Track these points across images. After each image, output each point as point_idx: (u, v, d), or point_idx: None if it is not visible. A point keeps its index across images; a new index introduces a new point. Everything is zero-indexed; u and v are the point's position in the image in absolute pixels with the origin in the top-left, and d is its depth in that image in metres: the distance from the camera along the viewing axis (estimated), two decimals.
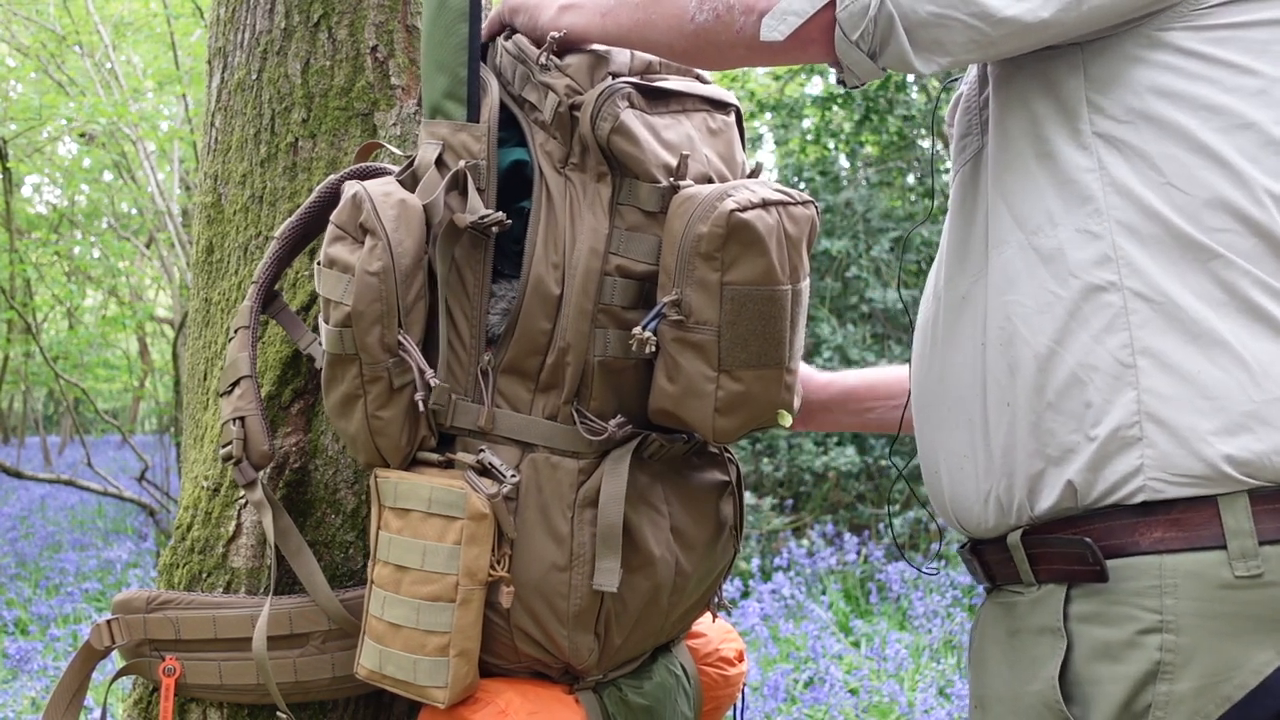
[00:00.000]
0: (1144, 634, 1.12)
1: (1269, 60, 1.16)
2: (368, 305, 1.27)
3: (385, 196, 1.29)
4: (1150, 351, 1.14)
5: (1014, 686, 1.22)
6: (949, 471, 1.31)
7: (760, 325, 1.29)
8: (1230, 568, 1.10)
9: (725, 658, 1.65)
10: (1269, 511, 1.11)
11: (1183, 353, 1.13)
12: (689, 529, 1.42)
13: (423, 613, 1.29)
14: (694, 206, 1.27)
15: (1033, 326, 1.20)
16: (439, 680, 1.30)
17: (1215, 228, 1.14)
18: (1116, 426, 1.14)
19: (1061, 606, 1.18)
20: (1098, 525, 1.16)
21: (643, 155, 1.30)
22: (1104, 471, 1.15)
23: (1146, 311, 1.15)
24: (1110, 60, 1.19)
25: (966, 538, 1.34)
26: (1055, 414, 1.18)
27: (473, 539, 1.28)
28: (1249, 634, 1.10)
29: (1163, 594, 1.12)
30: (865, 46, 1.18)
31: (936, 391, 1.34)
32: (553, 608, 1.33)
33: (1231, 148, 1.15)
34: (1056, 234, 1.20)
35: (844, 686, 4.17)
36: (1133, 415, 1.14)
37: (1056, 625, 1.17)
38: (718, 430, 1.33)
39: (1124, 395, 1.14)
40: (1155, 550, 1.13)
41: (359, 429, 1.32)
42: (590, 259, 1.30)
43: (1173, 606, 1.11)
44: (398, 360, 1.29)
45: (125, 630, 1.48)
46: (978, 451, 1.27)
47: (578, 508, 1.32)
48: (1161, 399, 1.13)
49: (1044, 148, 1.22)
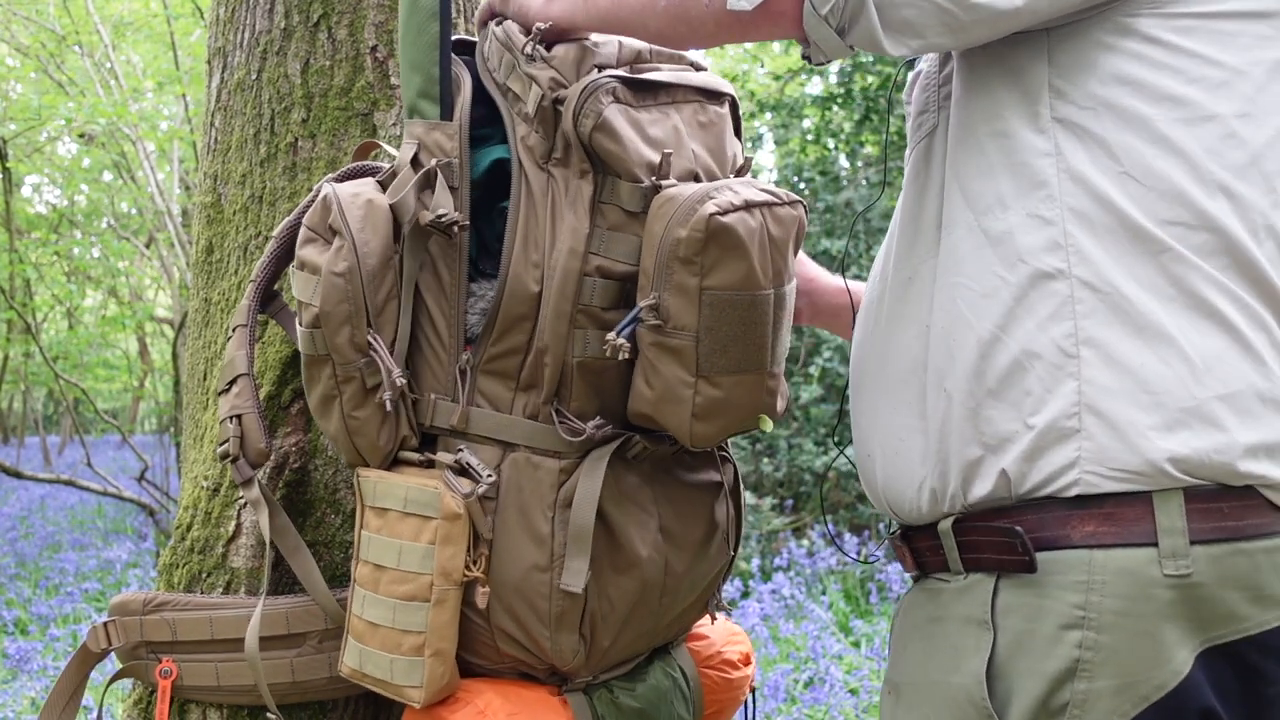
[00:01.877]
0: (1065, 629, 1.10)
1: (1235, 51, 1.15)
2: (335, 306, 1.27)
3: (353, 197, 1.28)
4: (1094, 342, 1.12)
5: (931, 674, 1.19)
6: (883, 455, 1.29)
7: (740, 330, 1.27)
8: (1160, 565, 1.09)
9: (728, 660, 1.63)
10: (1202, 511, 1.10)
11: (1127, 345, 1.12)
12: (679, 529, 1.41)
13: (399, 612, 1.29)
14: (674, 209, 1.25)
15: (977, 310, 1.18)
16: (414, 680, 1.30)
17: (1168, 220, 1.12)
18: (1055, 417, 1.12)
19: (989, 598, 1.15)
20: (1030, 516, 1.14)
21: (625, 154, 1.28)
22: (1039, 462, 1.13)
23: (1093, 301, 1.13)
24: (1077, 46, 1.17)
25: (898, 525, 1.32)
26: (995, 401, 1.16)
27: (447, 539, 1.28)
28: (1170, 633, 1.09)
29: (1089, 589, 1.10)
30: (834, 22, 1.16)
31: (875, 374, 1.31)
32: (534, 608, 1.32)
33: (1192, 140, 1.13)
34: (1007, 217, 1.18)
35: (844, 686, 4.17)
36: (1072, 406, 1.12)
37: (984, 617, 1.15)
38: (695, 435, 1.31)
39: (1065, 385, 1.13)
40: (1086, 544, 1.11)
41: (338, 429, 1.33)
42: (570, 259, 1.28)
43: (1096, 604, 1.10)
44: (369, 360, 1.29)
45: (122, 632, 1.47)
46: (914, 436, 1.24)
47: (558, 508, 1.31)
48: (1102, 390, 1.12)
49: (1001, 127, 1.19)
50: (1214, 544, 1.10)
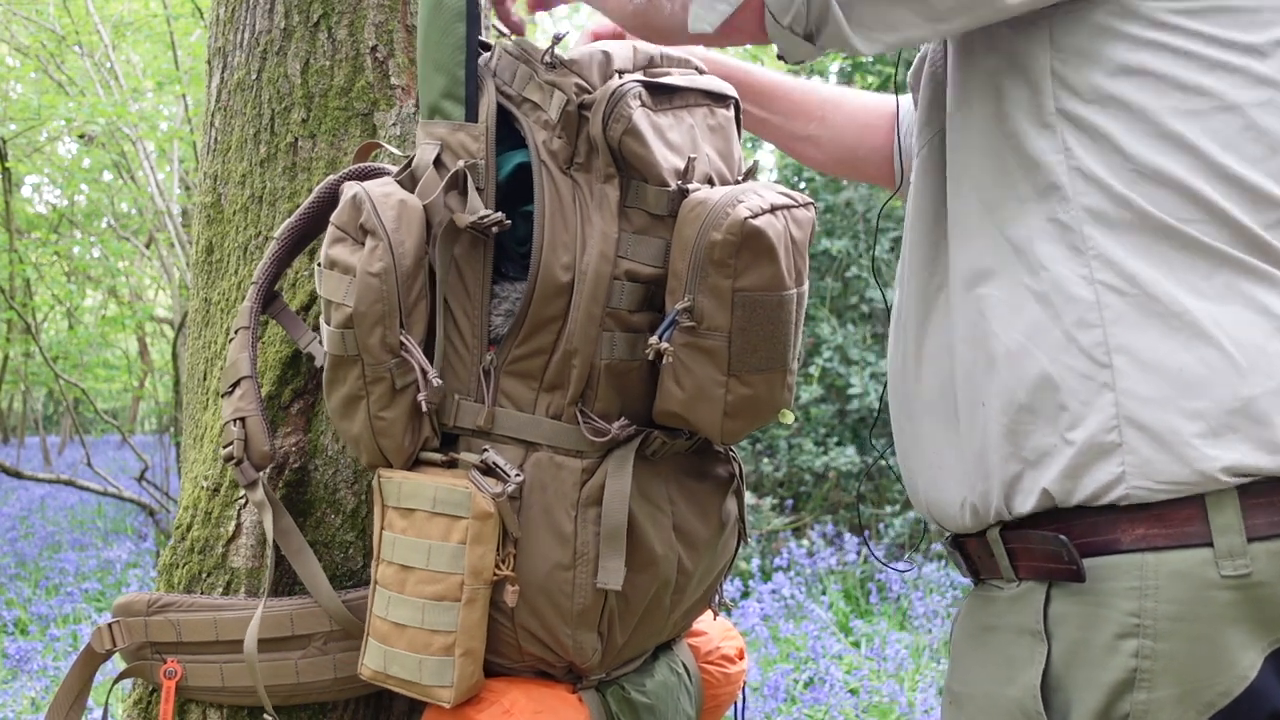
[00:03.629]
0: (1120, 638, 1.07)
1: (1255, 30, 1.08)
2: (369, 306, 1.27)
3: (385, 197, 1.28)
4: (1126, 349, 1.08)
5: (987, 686, 1.17)
6: (924, 471, 1.28)
7: (769, 329, 1.30)
8: (1216, 566, 1.05)
9: (726, 655, 1.65)
10: (1259, 506, 1.05)
11: (1162, 348, 1.07)
12: (692, 527, 1.42)
13: (428, 612, 1.29)
14: (706, 212, 1.27)
15: (1004, 322, 1.14)
16: (444, 680, 1.30)
17: (1186, 218, 1.08)
18: (1094, 432, 1.08)
19: (1042, 606, 1.12)
20: (1077, 522, 1.11)
21: (653, 158, 1.30)
22: (1083, 480, 1.10)
23: (1120, 305, 1.08)
24: (1079, 31, 1.11)
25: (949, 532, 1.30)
26: (1030, 416, 1.12)
27: (478, 538, 1.28)
28: (1233, 637, 1.05)
29: (1143, 596, 1.06)
30: (800, 29, 1.13)
31: (909, 390, 1.29)
32: (557, 607, 1.33)
33: (1205, 134, 1.08)
34: (1026, 222, 1.13)
35: (844, 686, 4.17)
36: (1111, 420, 1.08)
37: (1036, 627, 1.12)
38: (725, 432, 1.34)
39: (1101, 398, 1.08)
40: (1138, 548, 1.07)
41: (362, 430, 1.32)
42: (600, 263, 1.29)
43: (1151, 610, 1.06)
44: (400, 361, 1.29)
45: (126, 633, 1.48)
46: (951, 451, 1.22)
47: (581, 507, 1.32)
48: (1141, 401, 1.07)
49: (1008, 127, 1.15)
50: (1274, 540, 1.05)
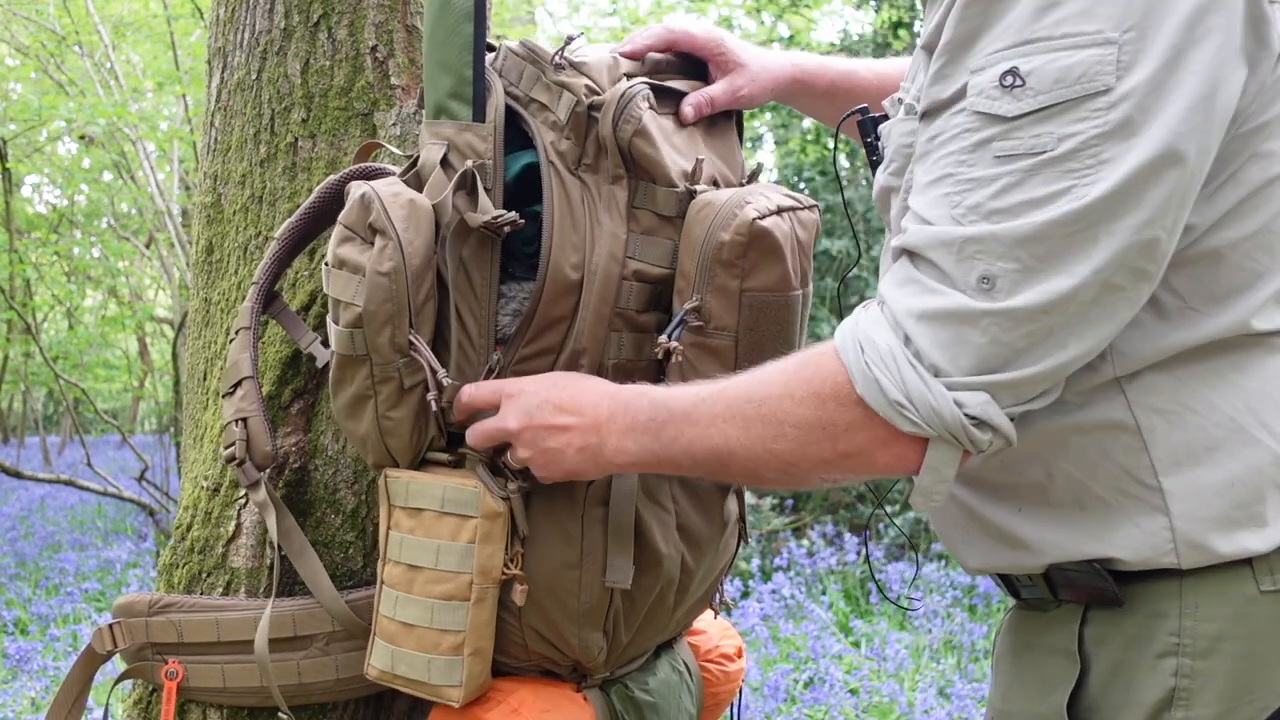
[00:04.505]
0: (1160, 658, 1.06)
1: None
2: (379, 306, 1.26)
3: (394, 197, 1.28)
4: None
5: (1024, 704, 1.16)
6: (945, 535, 1.26)
7: (775, 330, 1.30)
8: (1256, 582, 1.04)
9: (725, 654, 1.66)
10: None
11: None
12: (695, 526, 1.43)
13: (436, 612, 1.29)
14: (714, 213, 1.27)
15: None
16: (453, 679, 1.30)
17: None
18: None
19: (1077, 628, 1.11)
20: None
21: (662, 159, 1.30)
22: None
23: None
24: None
25: None
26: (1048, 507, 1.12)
27: (487, 537, 1.28)
28: (1271, 652, 1.04)
29: (1181, 615, 1.05)
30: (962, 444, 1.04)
31: None
32: (563, 606, 1.33)
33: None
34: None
35: (844, 686, 4.17)
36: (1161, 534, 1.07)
37: (1071, 648, 1.11)
38: None
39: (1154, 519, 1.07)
40: (1175, 567, 1.06)
41: (369, 430, 1.32)
42: (610, 263, 1.30)
43: (1191, 629, 1.05)
44: (408, 360, 1.29)
45: (127, 634, 1.47)
46: (973, 531, 1.20)
47: (587, 506, 1.32)
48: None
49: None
50: None
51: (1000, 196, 0.97)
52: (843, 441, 1.05)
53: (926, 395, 0.99)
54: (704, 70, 1.47)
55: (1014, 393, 1.00)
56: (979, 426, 1.00)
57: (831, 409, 1.04)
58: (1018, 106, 0.96)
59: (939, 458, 1.02)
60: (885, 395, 1.01)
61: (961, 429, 1.00)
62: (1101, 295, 0.98)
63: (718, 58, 1.45)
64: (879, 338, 1.02)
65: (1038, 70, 0.96)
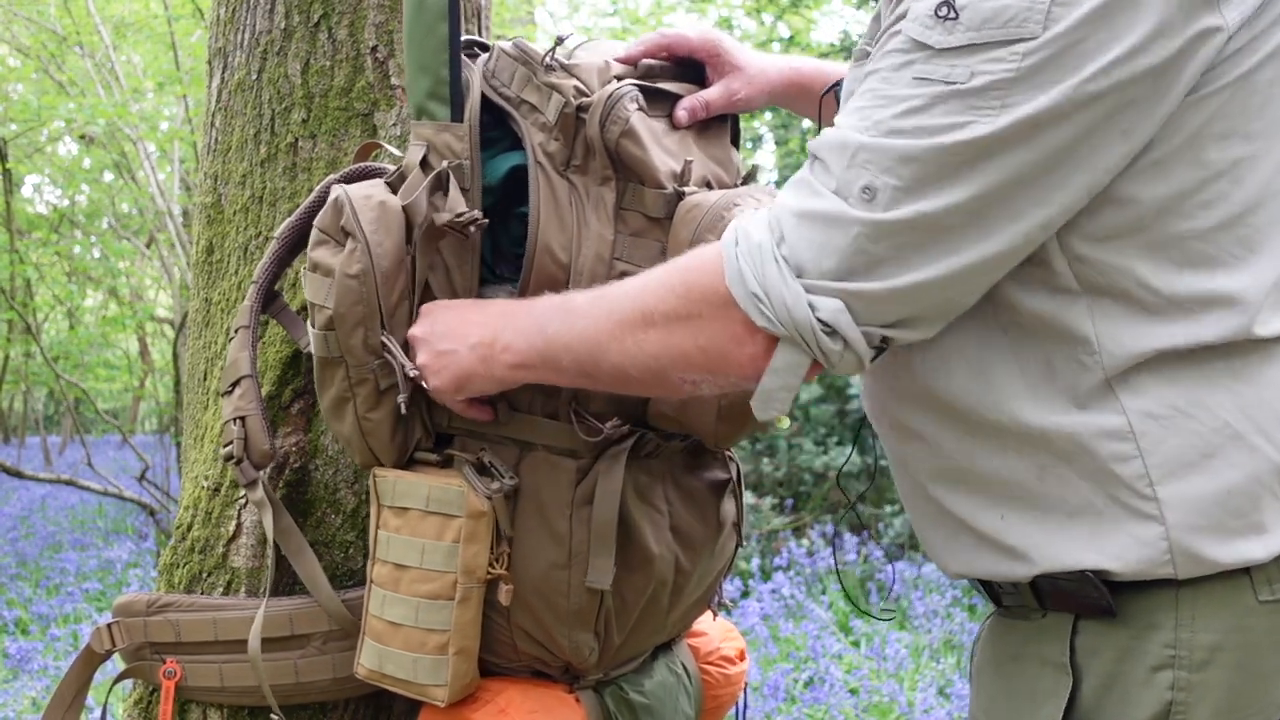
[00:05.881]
0: (1154, 671, 1.04)
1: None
2: (349, 308, 1.27)
3: (365, 199, 1.28)
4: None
5: (1011, 718, 1.14)
6: (920, 527, 1.24)
7: None
8: (1254, 592, 1.03)
9: (726, 656, 1.65)
10: None
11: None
12: (689, 527, 1.42)
13: (422, 611, 1.30)
14: (701, 214, 1.27)
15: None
16: (439, 679, 1.30)
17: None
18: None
19: (1068, 639, 1.09)
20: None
21: (650, 161, 1.30)
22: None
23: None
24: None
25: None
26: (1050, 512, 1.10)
27: (471, 537, 1.28)
28: (1272, 662, 1.03)
29: (1177, 627, 1.03)
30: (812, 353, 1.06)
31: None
32: (552, 606, 1.33)
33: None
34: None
35: (844, 686, 4.17)
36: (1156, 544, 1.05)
37: (1062, 660, 1.09)
38: (719, 436, 1.34)
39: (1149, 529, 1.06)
40: (1171, 577, 1.04)
41: (351, 430, 1.32)
42: (596, 265, 1.29)
43: (1187, 640, 1.03)
44: (383, 362, 1.29)
45: (126, 633, 1.48)
46: (956, 533, 1.18)
47: (575, 506, 1.32)
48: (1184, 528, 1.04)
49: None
50: None
51: (904, 117, 1.00)
52: (703, 334, 1.07)
53: (783, 291, 1.02)
54: (701, 73, 1.46)
55: (868, 307, 1.02)
56: (829, 335, 1.03)
57: (697, 297, 1.08)
58: (947, 40, 0.99)
59: (785, 360, 1.05)
60: (745, 286, 1.04)
61: (811, 332, 1.02)
62: (967, 226, 1.00)
63: (714, 61, 1.45)
64: (755, 232, 1.05)
65: (972, 6, 0.98)
